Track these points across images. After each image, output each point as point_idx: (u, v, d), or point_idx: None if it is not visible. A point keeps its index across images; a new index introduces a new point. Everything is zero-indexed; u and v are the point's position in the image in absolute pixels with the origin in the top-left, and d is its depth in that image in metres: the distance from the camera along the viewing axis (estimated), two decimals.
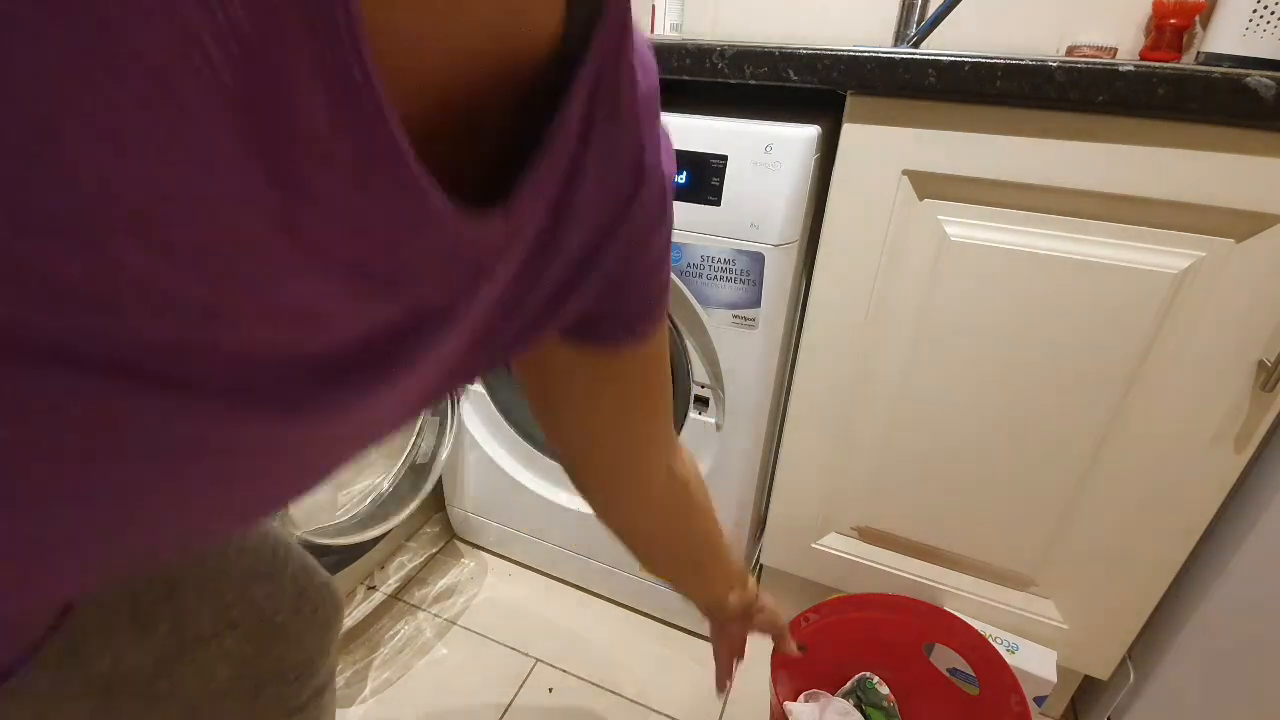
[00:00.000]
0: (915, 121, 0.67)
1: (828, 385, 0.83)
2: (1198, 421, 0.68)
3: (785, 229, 0.73)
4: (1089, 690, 0.92)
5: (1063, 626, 0.84)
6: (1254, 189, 0.59)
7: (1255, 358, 0.64)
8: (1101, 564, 0.78)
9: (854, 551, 0.93)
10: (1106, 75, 0.58)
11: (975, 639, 0.80)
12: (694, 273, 0.77)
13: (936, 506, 0.85)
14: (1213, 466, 0.69)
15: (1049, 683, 0.80)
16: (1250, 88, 0.55)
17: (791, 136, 0.70)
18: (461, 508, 1.16)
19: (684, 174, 0.74)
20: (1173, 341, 0.67)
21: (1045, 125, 0.63)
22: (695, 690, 0.95)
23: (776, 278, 0.75)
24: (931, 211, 0.71)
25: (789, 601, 1.06)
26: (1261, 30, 0.84)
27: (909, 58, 0.64)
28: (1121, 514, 0.75)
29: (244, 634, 0.43)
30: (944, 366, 0.77)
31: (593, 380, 0.40)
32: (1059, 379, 0.72)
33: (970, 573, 0.88)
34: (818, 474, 0.89)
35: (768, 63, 0.69)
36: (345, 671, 0.96)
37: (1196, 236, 0.63)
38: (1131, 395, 0.70)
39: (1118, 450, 0.73)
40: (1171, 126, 0.60)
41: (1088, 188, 0.64)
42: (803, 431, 0.88)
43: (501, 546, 1.17)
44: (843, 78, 0.67)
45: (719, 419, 0.86)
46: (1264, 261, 0.61)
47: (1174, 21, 0.95)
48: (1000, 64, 0.61)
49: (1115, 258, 0.66)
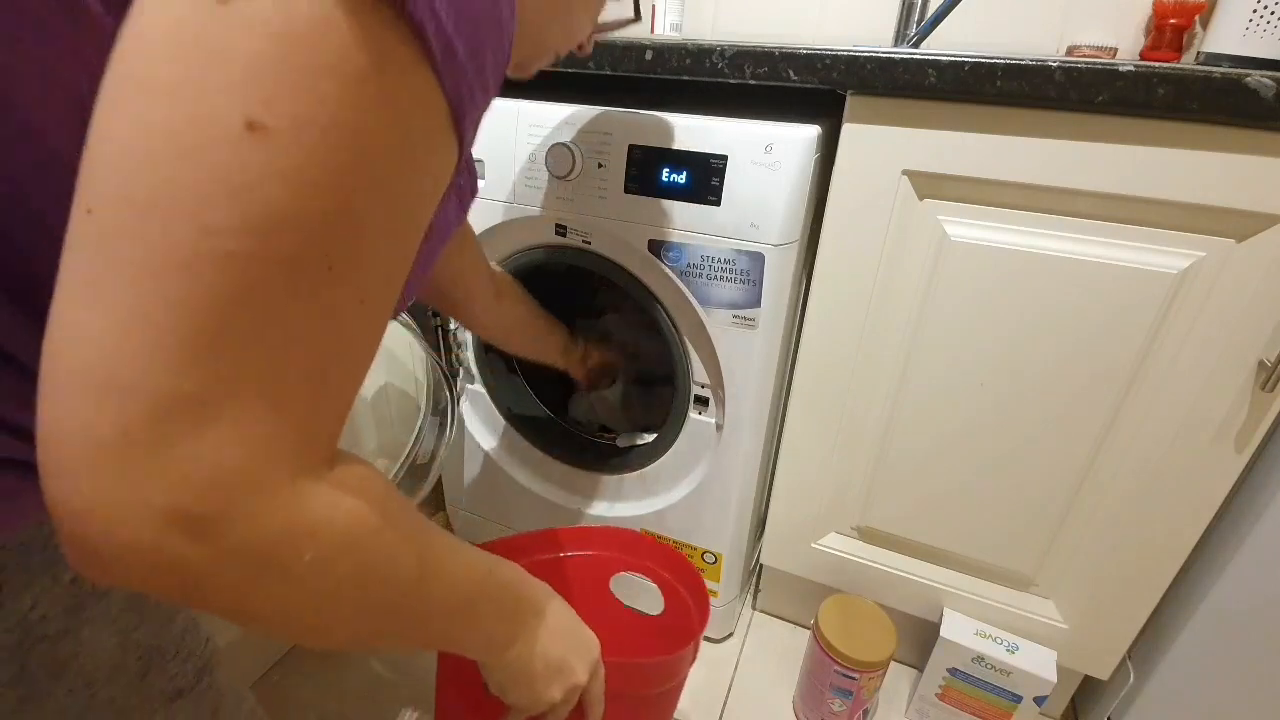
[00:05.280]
0: (915, 121, 0.67)
1: (828, 385, 0.83)
2: (1198, 421, 0.68)
3: (785, 229, 0.73)
4: (1089, 690, 0.92)
5: (1063, 626, 0.84)
6: (1254, 189, 0.59)
7: (1255, 358, 0.64)
8: (1101, 564, 0.78)
9: (854, 551, 0.93)
10: (1106, 75, 0.58)
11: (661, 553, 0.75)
12: (694, 273, 0.77)
13: (937, 506, 0.85)
14: (1213, 466, 0.69)
15: (1049, 683, 0.80)
16: (1250, 88, 0.55)
17: (791, 136, 0.70)
18: (461, 508, 1.16)
19: (684, 174, 0.74)
20: (1173, 341, 0.67)
21: (1045, 125, 0.63)
22: (695, 689, 0.95)
23: (776, 278, 0.75)
24: (931, 211, 0.71)
25: (789, 601, 1.06)
26: (1261, 30, 0.84)
27: (909, 58, 0.64)
28: (1121, 514, 0.75)
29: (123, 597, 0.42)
30: (944, 366, 0.77)
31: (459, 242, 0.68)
32: (1059, 379, 0.72)
33: (970, 573, 0.88)
34: (818, 474, 0.89)
35: (768, 63, 0.69)
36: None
37: (1196, 236, 0.63)
38: (1131, 395, 0.70)
39: (1118, 450, 0.73)
40: (1171, 126, 0.60)
41: (1088, 188, 0.64)
42: (803, 431, 0.88)
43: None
44: (843, 78, 0.67)
45: (719, 419, 0.86)
46: (1264, 261, 0.61)
47: (1174, 21, 0.95)
48: (1000, 64, 0.61)
49: (1115, 258, 0.66)
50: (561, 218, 0.82)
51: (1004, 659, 0.82)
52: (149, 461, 0.23)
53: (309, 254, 0.25)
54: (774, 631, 1.06)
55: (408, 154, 0.27)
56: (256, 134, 0.22)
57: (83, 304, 0.23)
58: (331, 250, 0.25)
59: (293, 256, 0.24)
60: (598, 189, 0.78)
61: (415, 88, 0.26)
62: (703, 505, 0.92)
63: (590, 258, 0.83)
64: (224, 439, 0.24)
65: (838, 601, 0.90)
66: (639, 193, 0.76)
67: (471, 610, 0.40)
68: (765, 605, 1.09)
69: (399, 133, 0.26)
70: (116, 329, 0.22)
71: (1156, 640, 0.81)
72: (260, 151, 0.22)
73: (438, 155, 0.29)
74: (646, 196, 0.76)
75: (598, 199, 0.79)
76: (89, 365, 0.22)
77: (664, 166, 0.74)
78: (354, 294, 0.27)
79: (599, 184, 0.78)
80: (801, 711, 0.92)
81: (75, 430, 0.23)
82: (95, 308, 0.22)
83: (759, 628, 1.07)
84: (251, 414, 0.25)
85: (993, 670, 0.83)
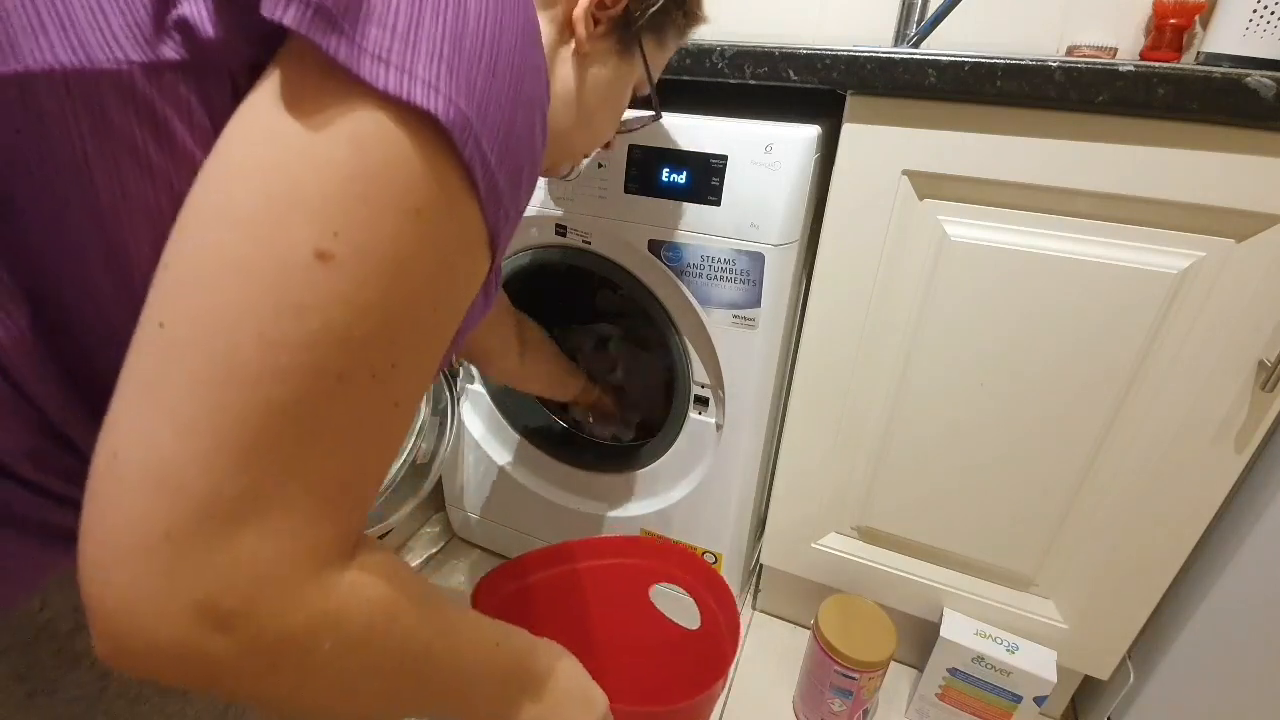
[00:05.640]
0: (915, 121, 0.67)
1: (828, 385, 0.83)
2: (1198, 421, 0.68)
3: (785, 229, 0.73)
4: (1089, 690, 0.92)
5: (1063, 626, 0.84)
6: (1254, 189, 0.59)
7: (1255, 358, 0.64)
8: (1101, 564, 0.78)
9: (854, 551, 0.93)
10: (1106, 75, 0.58)
11: (695, 565, 0.75)
12: (694, 273, 0.77)
13: (937, 506, 0.85)
14: (1213, 466, 0.69)
15: (1049, 683, 0.80)
16: (1250, 88, 0.55)
17: (791, 137, 0.70)
18: (461, 508, 1.16)
19: (684, 174, 0.74)
20: (1173, 341, 0.67)
21: (1045, 125, 0.63)
22: None
23: (776, 278, 0.75)
24: (931, 211, 0.71)
25: (789, 601, 1.06)
26: (1261, 30, 0.84)
27: (909, 58, 0.64)
28: (1121, 514, 0.75)
29: None
30: (944, 366, 0.77)
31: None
32: (1059, 379, 0.72)
33: (970, 573, 0.88)
34: (818, 474, 0.89)
35: (768, 63, 0.69)
36: None
37: (1196, 236, 0.63)
38: (1131, 395, 0.70)
39: (1118, 450, 0.73)
40: (1171, 126, 0.60)
41: (1088, 188, 0.64)
42: (803, 431, 0.88)
43: (501, 547, 1.17)
44: (843, 78, 0.67)
45: (719, 419, 0.86)
46: (1264, 261, 0.61)
47: (1174, 21, 0.95)
48: (1000, 64, 0.61)
49: (1115, 258, 0.66)
50: (561, 218, 0.82)
51: (1004, 659, 0.82)
52: (188, 559, 0.24)
53: (357, 367, 0.27)
54: (774, 631, 1.06)
55: (449, 274, 0.30)
56: (324, 262, 0.25)
57: (144, 407, 0.25)
58: (376, 362, 0.28)
59: (342, 371, 0.27)
60: (598, 189, 0.78)
61: (463, 218, 0.29)
62: (703, 505, 0.92)
63: (590, 258, 0.83)
64: (261, 538, 0.26)
65: (838, 601, 0.90)
66: (639, 193, 0.76)
67: (482, 685, 0.41)
68: (765, 605, 1.09)
69: (444, 257, 0.29)
70: (174, 433, 0.24)
71: (1156, 640, 0.81)
72: (326, 277, 0.25)
73: (475, 270, 0.32)
74: (646, 196, 0.76)
75: (598, 199, 0.79)
76: (144, 464, 0.24)
77: (664, 166, 0.74)
78: (392, 398, 0.30)
79: (599, 184, 0.78)
80: (801, 711, 0.92)
81: (122, 525, 0.24)
82: (155, 412, 0.25)
83: (759, 628, 1.07)
84: (290, 515, 0.26)
85: (993, 670, 0.83)
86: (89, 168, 0.27)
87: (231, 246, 0.25)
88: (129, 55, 0.26)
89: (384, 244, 0.26)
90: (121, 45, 0.26)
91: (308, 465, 0.27)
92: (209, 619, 0.25)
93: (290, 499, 0.26)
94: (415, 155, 0.26)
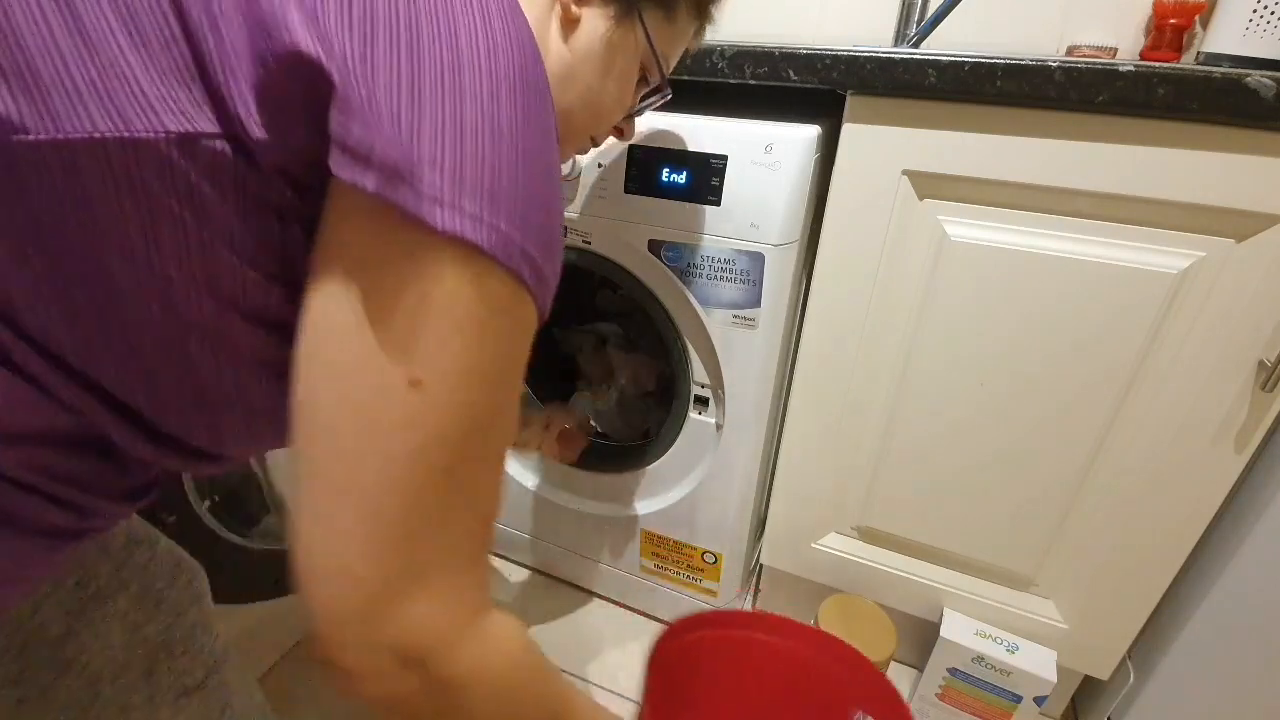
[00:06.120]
0: (915, 121, 0.67)
1: (828, 385, 0.83)
2: (1198, 421, 0.68)
3: (785, 229, 0.73)
4: (1089, 690, 0.92)
5: (1063, 626, 0.84)
6: (1254, 189, 0.59)
7: (1255, 358, 0.64)
8: (1101, 564, 0.78)
9: (854, 551, 0.93)
10: (1106, 75, 0.58)
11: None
12: (694, 273, 0.77)
13: (937, 506, 0.85)
14: (1213, 466, 0.69)
15: (1049, 683, 0.80)
16: (1250, 88, 0.55)
17: (791, 137, 0.70)
18: None
19: (684, 174, 0.74)
20: (1172, 341, 0.67)
21: (1045, 125, 0.63)
22: None
23: (776, 278, 0.75)
24: (931, 211, 0.71)
25: (789, 601, 1.06)
26: (1261, 30, 0.84)
27: (909, 58, 0.64)
28: (1121, 514, 0.75)
29: (133, 596, 0.44)
30: (944, 366, 0.77)
31: None
32: (1059, 379, 0.72)
33: (970, 573, 0.88)
34: (818, 474, 0.89)
35: (768, 63, 0.69)
36: None
37: (1196, 236, 0.63)
38: (1131, 395, 0.70)
39: (1117, 450, 0.73)
40: (1171, 126, 0.60)
41: (1088, 188, 0.64)
42: (803, 431, 0.88)
43: (501, 546, 1.17)
44: (843, 78, 0.67)
45: (719, 419, 0.86)
46: (1264, 261, 0.61)
47: (1174, 21, 0.95)
48: (1000, 64, 0.61)
49: (1115, 258, 0.66)
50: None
51: (1004, 659, 0.82)
52: (378, 621, 0.32)
53: (457, 458, 0.33)
54: None
55: (515, 361, 0.36)
56: (416, 387, 0.31)
57: (317, 519, 0.32)
58: (470, 448, 0.34)
59: (447, 465, 0.33)
60: (598, 189, 0.78)
61: (519, 315, 0.35)
62: (703, 505, 0.92)
63: (590, 258, 0.83)
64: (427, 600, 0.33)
65: (838, 601, 0.90)
66: (639, 193, 0.76)
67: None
68: (765, 605, 1.09)
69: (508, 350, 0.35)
70: (340, 536, 0.32)
71: (1156, 640, 0.81)
72: (420, 399, 0.31)
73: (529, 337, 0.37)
74: (646, 196, 0.76)
75: (598, 199, 0.79)
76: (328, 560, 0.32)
77: (664, 166, 0.74)
78: (488, 468, 0.36)
79: (599, 184, 0.78)
80: None
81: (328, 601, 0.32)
82: (325, 521, 0.32)
83: None
84: (440, 580, 0.34)
85: (993, 670, 0.83)
86: (126, 226, 0.30)
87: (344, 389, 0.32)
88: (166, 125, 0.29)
89: (461, 361, 0.32)
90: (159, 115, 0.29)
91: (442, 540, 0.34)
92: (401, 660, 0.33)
93: (438, 569, 0.34)
94: (470, 280, 0.31)
